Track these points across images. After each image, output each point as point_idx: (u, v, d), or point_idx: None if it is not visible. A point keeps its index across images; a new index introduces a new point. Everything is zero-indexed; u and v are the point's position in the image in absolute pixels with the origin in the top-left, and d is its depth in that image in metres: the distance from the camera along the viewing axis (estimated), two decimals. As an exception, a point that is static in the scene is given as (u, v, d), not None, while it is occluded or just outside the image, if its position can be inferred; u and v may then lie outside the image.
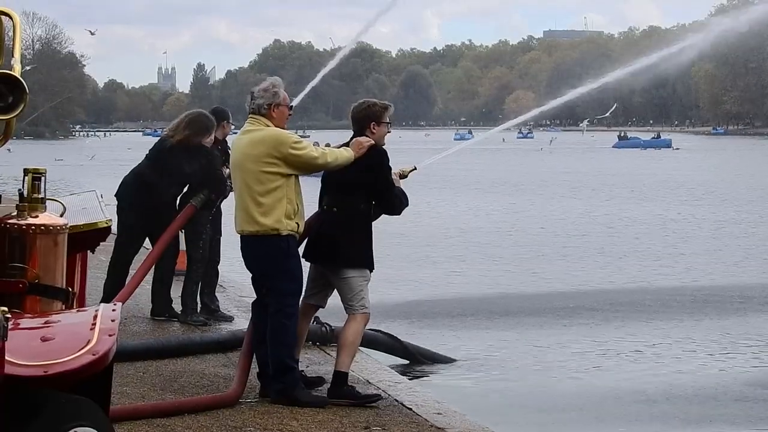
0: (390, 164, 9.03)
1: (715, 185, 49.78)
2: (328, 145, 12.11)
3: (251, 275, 8.95)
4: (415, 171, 9.45)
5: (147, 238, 12.18)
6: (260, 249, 8.65)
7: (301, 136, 10.03)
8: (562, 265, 23.09)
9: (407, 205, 9.11)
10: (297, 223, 8.63)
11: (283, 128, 8.80)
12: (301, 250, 8.96)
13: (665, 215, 35.04)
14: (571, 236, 28.99)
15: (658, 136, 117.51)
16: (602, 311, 17.03)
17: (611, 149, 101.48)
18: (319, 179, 9.12)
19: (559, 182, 52.39)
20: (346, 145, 8.97)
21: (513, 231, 30.44)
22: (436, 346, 13.00)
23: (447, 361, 12.68)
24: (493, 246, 26.79)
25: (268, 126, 8.68)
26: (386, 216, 9.21)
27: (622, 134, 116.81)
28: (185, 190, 11.89)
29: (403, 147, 48.91)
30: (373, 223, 9.01)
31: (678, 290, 19.38)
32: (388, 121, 9.08)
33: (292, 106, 8.99)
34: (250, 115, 8.77)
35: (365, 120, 9.01)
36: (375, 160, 8.87)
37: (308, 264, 9.05)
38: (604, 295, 18.67)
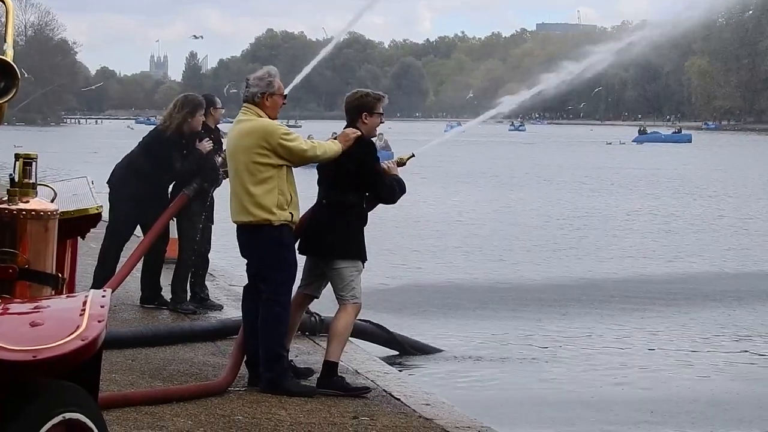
0: (377, 155, 9.07)
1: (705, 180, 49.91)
2: None
3: (246, 263, 9.00)
4: (413, 158, 9.48)
5: (138, 226, 12.19)
6: (254, 239, 8.70)
7: (293, 126, 10.06)
8: (549, 256, 23.12)
9: (403, 192, 9.14)
10: (291, 213, 8.65)
11: (275, 118, 8.83)
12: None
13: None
14: (552, 228, 29.05)
15: (679, 131, 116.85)
16: (593, 303, 17.05)
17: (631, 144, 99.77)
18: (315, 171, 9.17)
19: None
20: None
21: (499, 221, 30.47)
22: (425, 337, 13.03)
23: (436, 351, 12.69)
24: (475, 236, 26.78)
25: (260, 116, 8.72)
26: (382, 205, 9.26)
27: (642, 129, 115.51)
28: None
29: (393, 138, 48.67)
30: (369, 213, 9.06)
31: (669, 282, 19.43)
32: (381, 111, 9.09)
33: (285, 95, 9.02)
34: (244, 104, 8.82)
35: (357, 110, 9.02)
36: (360, 151, 8.89)
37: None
38: (595, 287, 18.70)
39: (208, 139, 11.84)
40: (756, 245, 25.67)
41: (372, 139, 9.31)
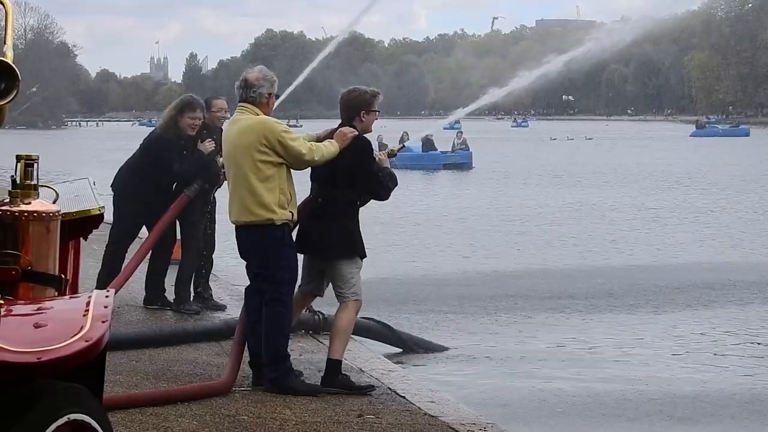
0: (374, 154, 9.08)
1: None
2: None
3: (246, 263, 8.97)
4: (403, 149, 9.52)
5: (144, 227, 12.20)
6: (255, 239, 8.68)
7: (293, 126, 10.06)
8: (553, 254, 23.08)
9: (396, 185, 9.14)
10: (291, 212, 8.66)
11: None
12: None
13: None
14: (555, 223, 29.03)
15: (737, 126, 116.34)
16: (597, 301, 16.99)
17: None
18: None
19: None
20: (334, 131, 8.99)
21: (499, 217, 30.46)
22: (429, 335, 13.02)
23: (440, 349, 12.69)
24: (479, 233, 26.78)
25: (258, 114, 8.71)
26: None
27: (699, 123, 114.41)
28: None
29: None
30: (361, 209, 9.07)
31: (673, 279, 19.36)
32: (376, 108, 9.09)
33: (278, 95, 9.05)
34: (240, 104, 8.78)
35: (356, 108, 9.01)
36: (358, 150, 8.89)
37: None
38: (599, 285, 18.65)
39: (210, 139, 11.84)
40: None
41: (369, 135, 9.34)
